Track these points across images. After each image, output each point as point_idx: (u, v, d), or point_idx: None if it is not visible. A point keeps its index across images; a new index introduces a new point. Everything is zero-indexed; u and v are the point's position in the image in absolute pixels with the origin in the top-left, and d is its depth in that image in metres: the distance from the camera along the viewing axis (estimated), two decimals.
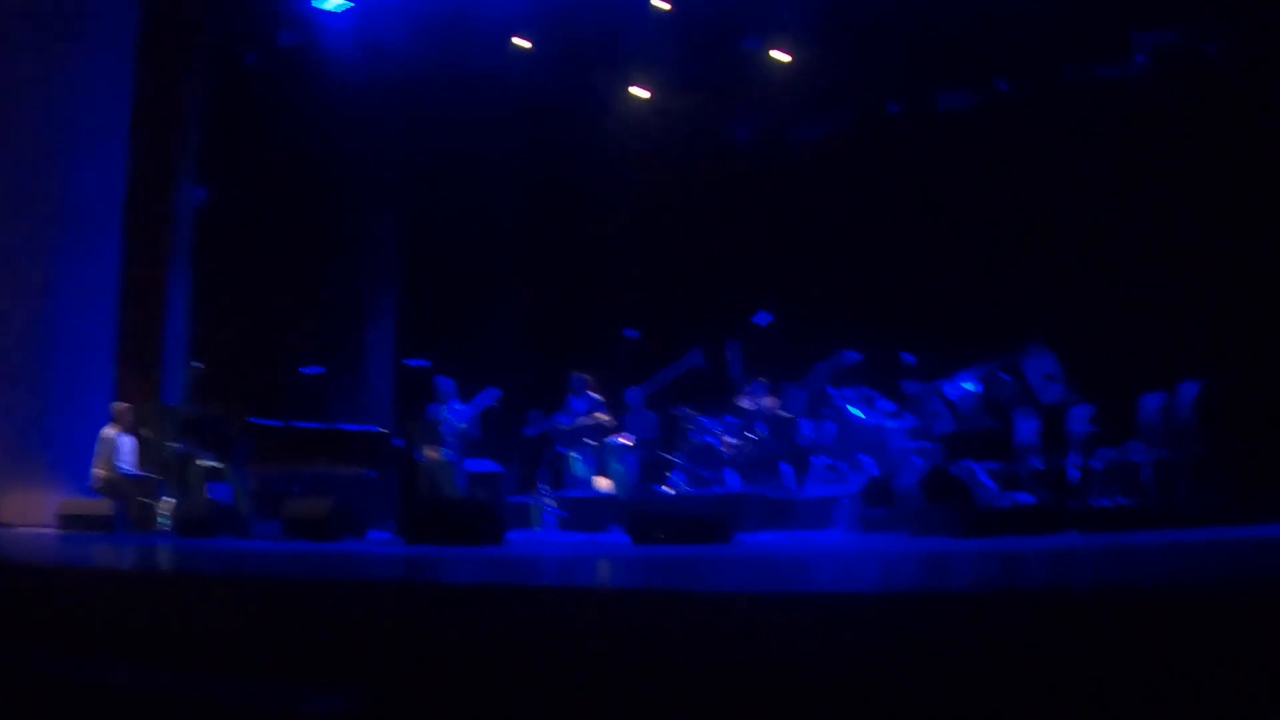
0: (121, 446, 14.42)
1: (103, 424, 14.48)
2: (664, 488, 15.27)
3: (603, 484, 15.88)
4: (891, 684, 3.51)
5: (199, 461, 13.97)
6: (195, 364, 15.46)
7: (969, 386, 12.55)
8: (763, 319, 14.81)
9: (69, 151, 15.49)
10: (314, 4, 17.32)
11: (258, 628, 4.91)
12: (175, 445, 14.05)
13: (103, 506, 13.53)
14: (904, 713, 3.45)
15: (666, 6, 16.86)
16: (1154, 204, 14.62)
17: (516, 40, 17.76)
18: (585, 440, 16.02)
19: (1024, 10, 15.33)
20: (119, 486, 14.13)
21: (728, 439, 15.16)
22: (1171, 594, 3.69)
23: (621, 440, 15.59)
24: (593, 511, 14.71)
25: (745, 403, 15.42)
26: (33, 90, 15.30)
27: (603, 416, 15.80)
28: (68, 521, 13.51)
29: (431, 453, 15.04)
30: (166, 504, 13.93)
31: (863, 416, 14.75)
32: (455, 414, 15.44)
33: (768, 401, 15.44)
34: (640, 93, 18.65)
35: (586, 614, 4.27)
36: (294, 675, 4.47)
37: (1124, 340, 14.09)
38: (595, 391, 16.33)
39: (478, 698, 4.12)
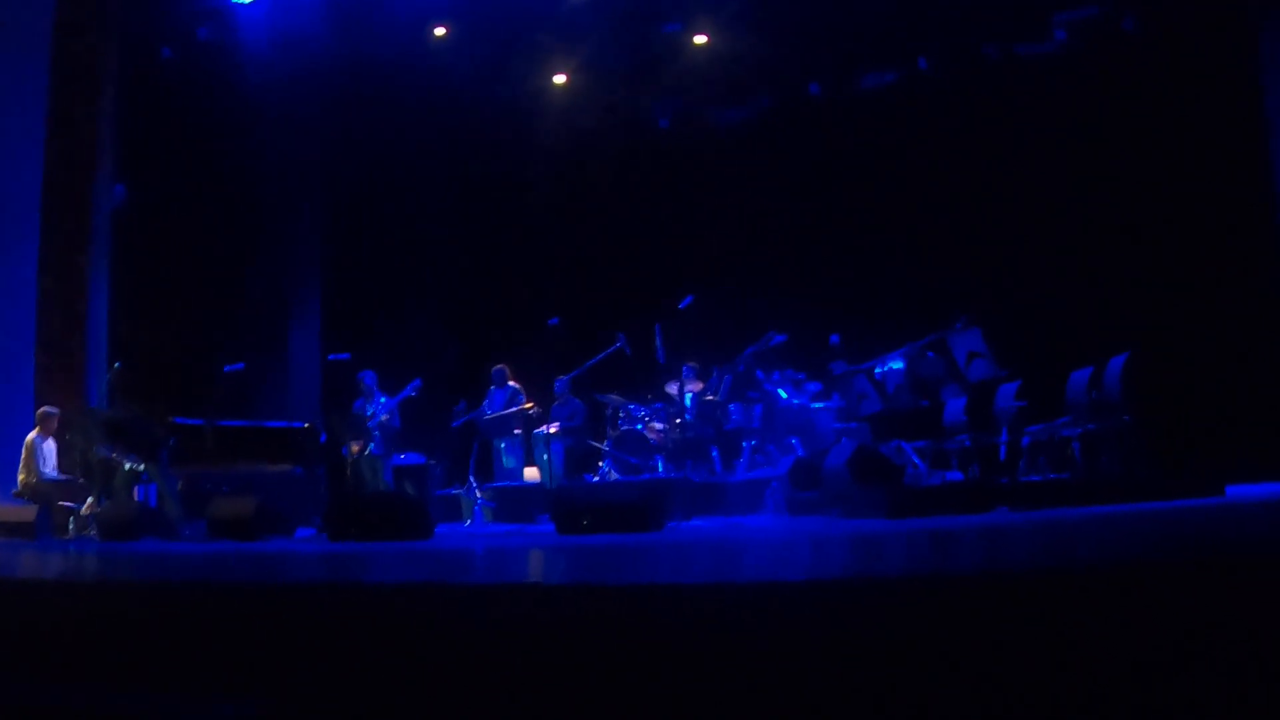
0: (46, 451, 14.19)
1: (26, 429, 14.23)
2: (592, 475, 15.18)
3: (531, 474, 15.78)
4: (824, 672, 3.43)
5: (124, 464, 13.74)
6: (115, 364, 15.21)
7: (896, 366, 12.50)
8: (684, 302, 14.69)
9: None
10: None
11: (161, 635, 4.77)
12: (100, 448, 13.81)
13: (26, 513, 13.32)
14: (839, 700, 3.38)
15: None
16: (1077, 179, 14.70)
17: (432, 29, 17.53)
18: (512, 430, 15.91)
19: None
20: (43, 492, 13.90)
21: (655, 424, 15.06)
22: (1099, 575, 3.63)
23: (548, 429, 15.47)
24: (521, 502, 14.62)
25: (672, 388, 15.34)
26: None
27: (527, 405, 15.67)
28: None
29: (357, 447, 14.88)
30: (92, 507, 13.71)
31: (788, 398, 14.71)
32: (380, 407, 15.31)
33: (695, 386, 15.37)
34: (559, 78, 18.50)
35: (510, 611, 4.17)
36: (200, 684, 4.34)
37: (1050, 315, 14.15)
38: (515, 381, 16.24)
39: (381, 703, 4.02)
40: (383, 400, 15.39)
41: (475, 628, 4.13)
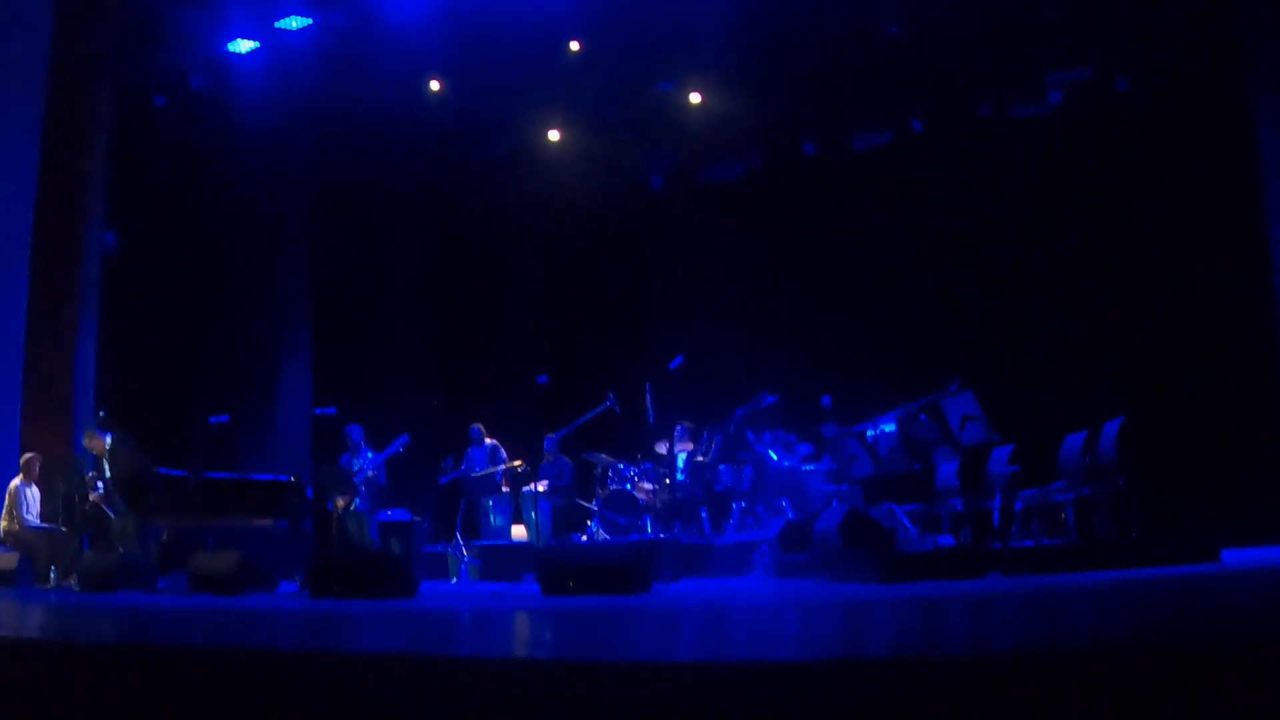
0: (29, 498, 14.08)
1: (9, 475, 14.13)
2: (580, 535, 15.05)
3: (519, 532, 15.64)
4: None
5: (108, 513, 13.62)
6: (100, 412, 15.09)
7: (888, 428, 12.41)
8: (675, 362, 14.58)
9: None
10: (226, 47, 17.02)
11: (130, 701, 4.65)
12: (98, 483, 13.75)
13: (7, 560, 13.24)
14: None
15: (577, 47, 16.66)
16: (1071, 241, 14.64)
17: (428, 83, 17.50)
18: (498, 488, 15.80)
19: (938, 49, 15.35)
20: (25, 539, 13.79)
21: (644, 484, 14.94)
22: (1093, 656, 3.51)
23: (536, 487, 15.34)
24: (508, 560, 14.47)
25: (662, 447, 15.23)
26: None
27: (515, 463, 15.57)
28: None
29: (343, 502, 14.74)
30: (75, 557, 13.59)
31: (778, 460, 14.59)
32: (367, 463, 15.18)
33: (686, 446, 15.26)
34: (553, 135, 18.46)
35: (489, 687, 4.05)
36: None
37: (1044, 379, 14.08)
38: (493, 438, 16.13)
39: None
40: (369, 455, 15.27)
41: (452, 701, 4.01)
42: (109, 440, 13.42)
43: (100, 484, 13.60)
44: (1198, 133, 14.00)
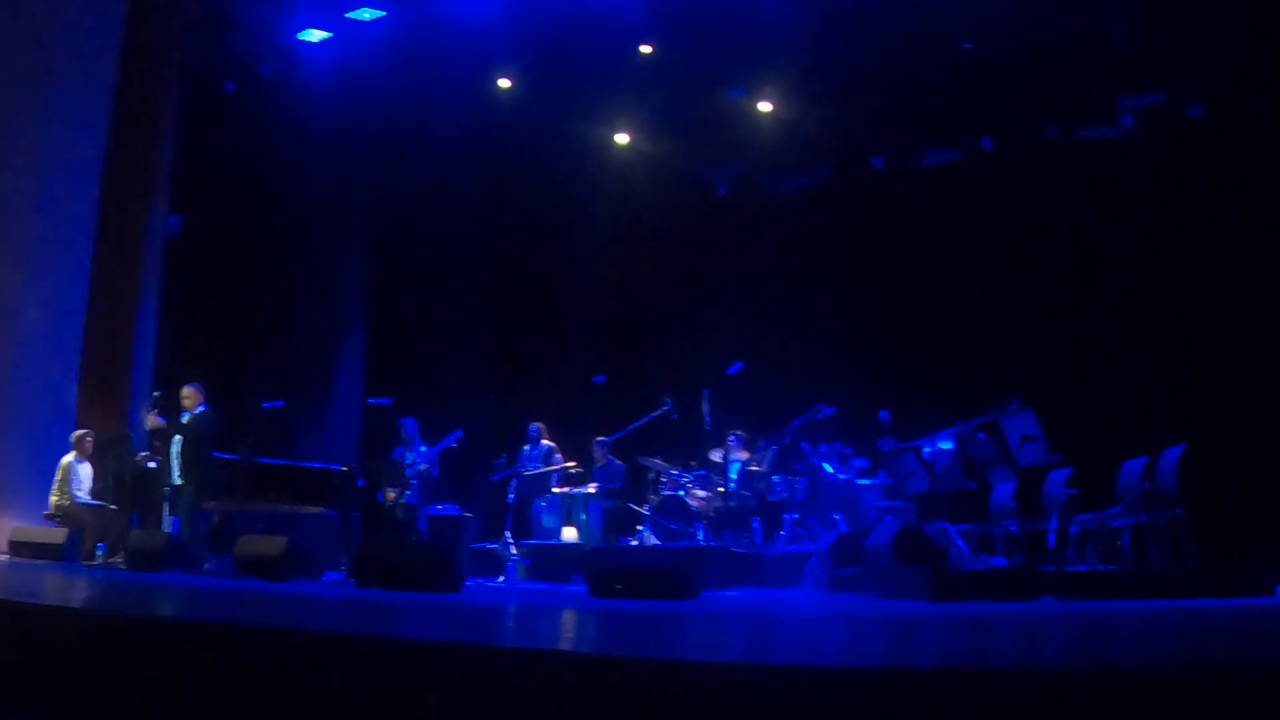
0: (81, 475, 14.18)
1: (63, 450, 14.24)
2: (630, 539, 15.00)
3: (569, 534, 15.60)
4: None
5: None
6: (155, 393, 15.18)
7: (946, 445, 12.28)
8: (734, 368, 14.51)
9: (42, 174, 15.31)
10: (298, 36, 17.10)
11: (167, 675, 4.64)
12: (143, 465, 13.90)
13: (55, 534, 13.31)
14: None
15: (649, 50, 16.61)
16: (1138, 265, 14.46)
17: (497, 80, 17.50)
18: (549, 488, 15.76)
19: (1011, 70, 15.24)
20: (74, 515, 13.89)
21: (697, 491, 14.89)
22: (1140, 682, 3.43)
23: (588, 489, 15.30)
24: (556, 561, 14.46)
25: (716, 455, 15.16)
26: (5, 113, 15.13)
27: (562, 464, 15.56)
28: (18, 548, 13.31)
29: (393, 494, 14.76)
30: (123, 534, 13.68)
31: (834, 472, 14.49)
32: (420, 456, 15.18)
33: (740, 454, 15.19)
34: (619, 137, 18.43)
35: (528, 680, 4.01)
36: None
37: (1106, 402, 13.89)
38: (550, 440, 16.09)
39: None
40: (422, 449, 15.27)
41: (490, 690, 3.97)
42: (201, 409, 13.53)
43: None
44: (1269, 164, 13.82)
